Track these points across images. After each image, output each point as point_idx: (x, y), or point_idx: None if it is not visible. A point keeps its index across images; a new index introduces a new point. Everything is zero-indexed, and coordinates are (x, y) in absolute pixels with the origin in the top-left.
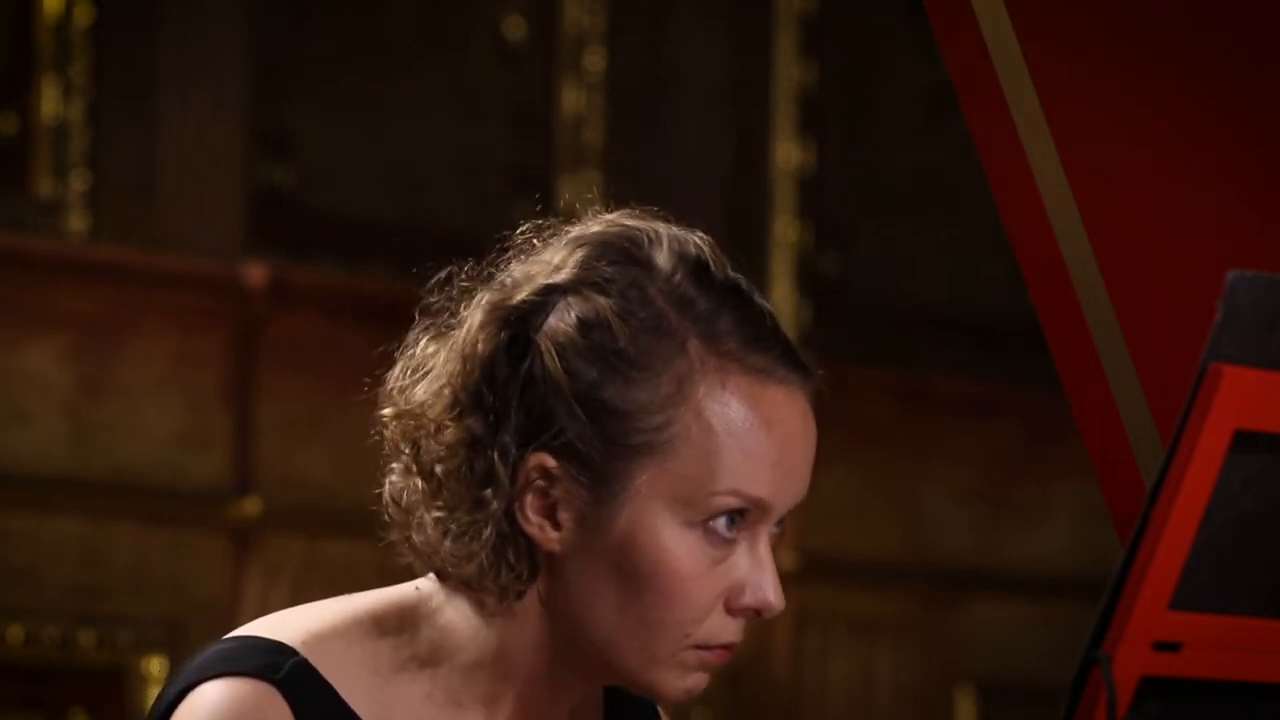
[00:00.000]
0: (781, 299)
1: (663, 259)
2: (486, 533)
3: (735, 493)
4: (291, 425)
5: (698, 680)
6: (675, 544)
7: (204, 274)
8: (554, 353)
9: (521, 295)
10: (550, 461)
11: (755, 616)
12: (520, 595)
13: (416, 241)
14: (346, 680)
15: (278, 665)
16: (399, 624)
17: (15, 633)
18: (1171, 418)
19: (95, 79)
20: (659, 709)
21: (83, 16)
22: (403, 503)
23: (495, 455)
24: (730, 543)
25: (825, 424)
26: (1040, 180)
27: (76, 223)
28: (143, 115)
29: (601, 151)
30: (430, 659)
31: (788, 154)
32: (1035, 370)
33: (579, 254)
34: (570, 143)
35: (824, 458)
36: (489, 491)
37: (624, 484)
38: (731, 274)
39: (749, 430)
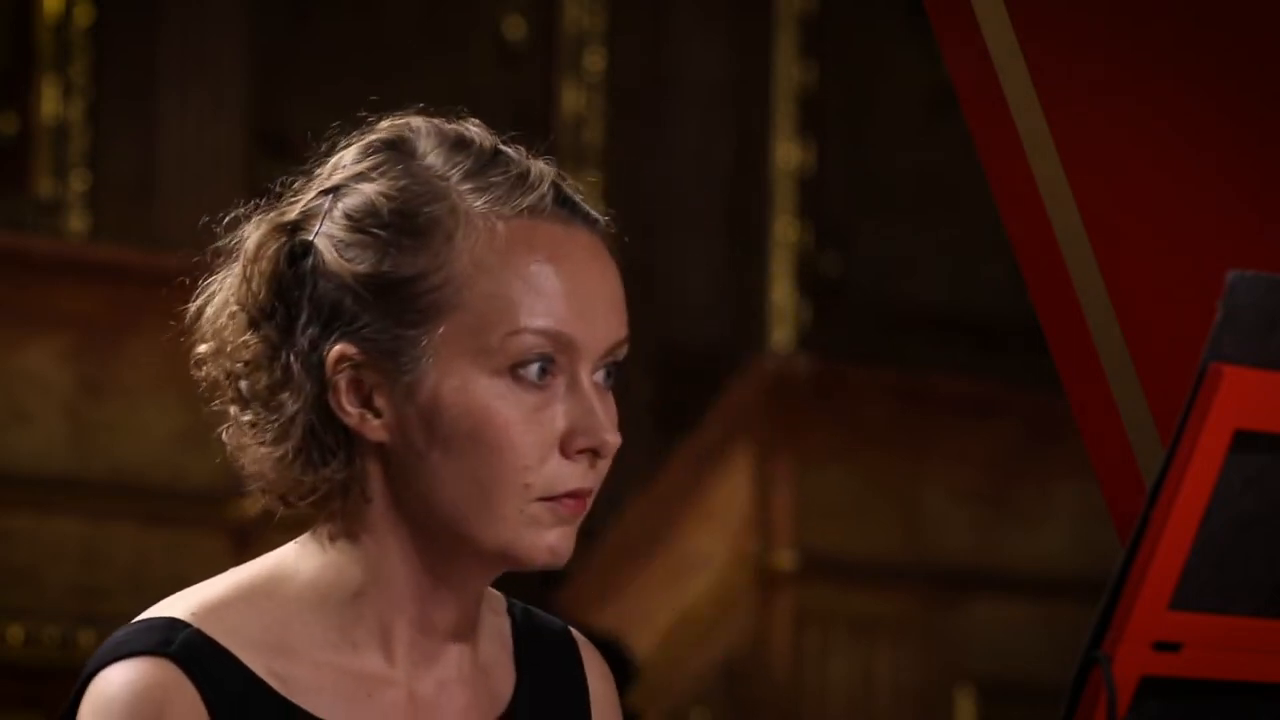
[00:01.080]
0: (781, 299)
1: (424, 142)
2: (294, 430)
3: (529, 330)
4: None
5: (560, 537)
6: (486, 395)
7: (203, 274)
8: (331, 248)
9: (299, 207)
10: (351, 349)
11: (597, 459)
12: (346, 488)
13: None
14: (241, 643)
15: (169, 640)
16: (282, 579)
17: (15, 633)
18: (1171, 418)
19: (95, 79)
20: (578, 645)
21: (83, 16)
22: (238, 442)
23: (292, 357)
24: (545, 389)
25: (825, 424)
26: (1040, 180)
27: (76, 223)
28: (143, 115)
29: (601, 151)
30: (316, 605)
31: (788, 154)
32: (1035, 370)
33: (347, 157)
34: (570, 143)
35: (824, 458)
36: (287, 394)
37: (423, 349)
38: (499, 143)
39: (528, 268)
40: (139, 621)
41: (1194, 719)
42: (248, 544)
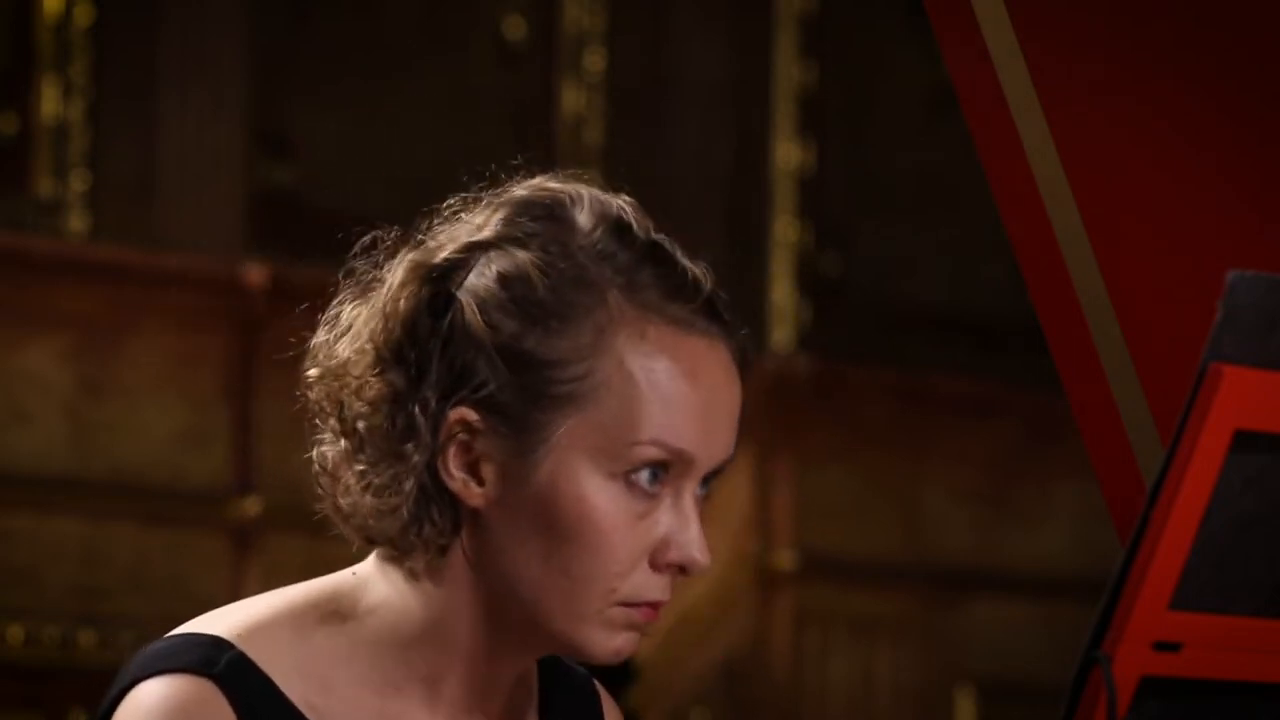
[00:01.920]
0: (781, 299)
1: (584, 217)
2: (408, 486)
3: (657, 443)
4: (291, 425)
5: (626, 641)
6: (597, 495)
7: (204, 274)
8: (474, 307)
9: (444, 254)
10: (472, 415)
11: (681, 575)
12: (443, 551)
13: None
14: (283, 671)
15: (214, 660)
16: (334, 610)
17: (15, 633)
18: (1171, 418)
19: (95, 79)
20: (600, 697)
21: (83, 16)
22: (329, 468)
23: (416, 409)
24: (653, 497)
25: (825, 424)
26: (1040, 180)
27: (76, 223)
28: (143, 115)
29: (601, 151)
30: (365, 641)
31: (788, 154)
32: (1035, 370)
33: (501, 213)
34: (570, 143)
35: (824, 458)
36: (410, 445)
37: (545, 435)
38: (655, 234)
39: (670, 380)
40: (181, 635)
41: (1194, 719)
42: (248, 544)
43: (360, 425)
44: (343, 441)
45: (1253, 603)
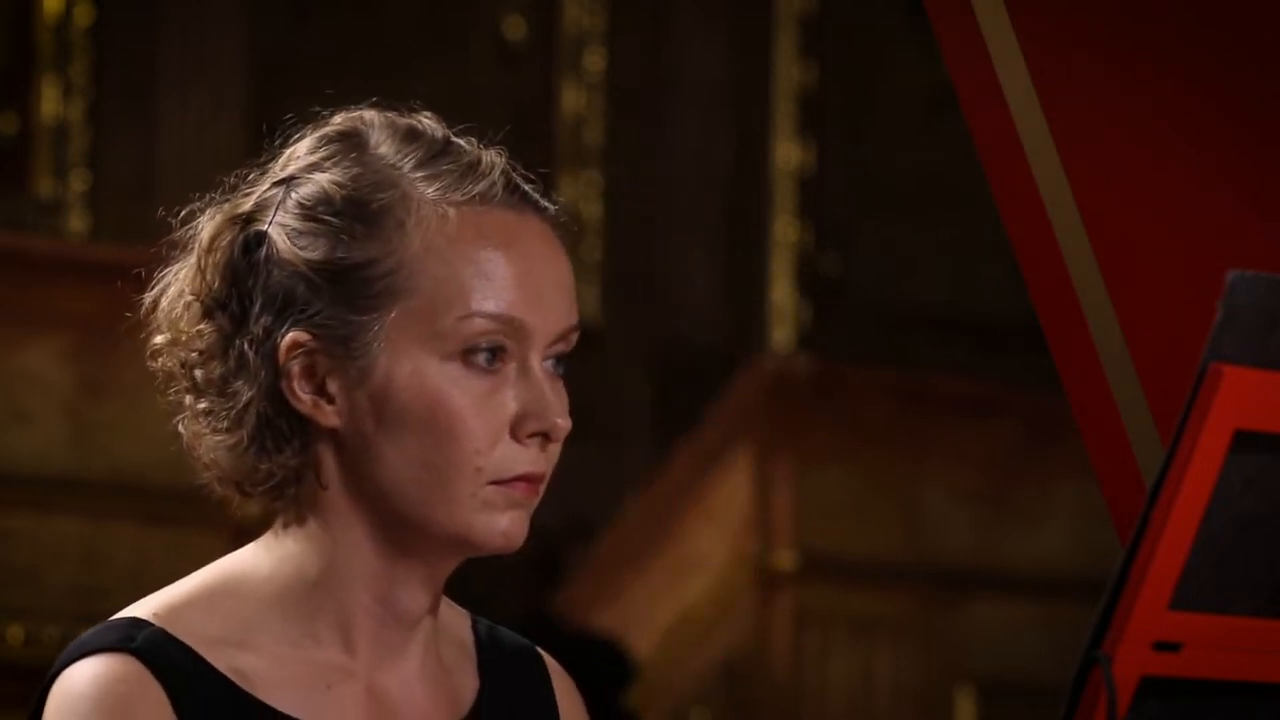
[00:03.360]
0: (781, 299)
1: (376, 132)
2: (248, 419)
3: (480, 314)
4: None
5: (512, 521)
6: (438, 379)
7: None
8: (284, 236)
9: (252, 199)
10: (304, 336)
11: (547, 442)
12: (299, 475)
13: None
14: (203, 640)
15: (132, 637)
16: (242, 577)
17: (15, 633)
18: (1171, 418)
19: (95, 79)
20: (545, 663)
21: (83, 16)
22: (190, 433)
23: (246, 345)
24: (495, 374)
25: (825, 424)
26: (1040, 180)
27: (76, 223)
28: (143, 115)
29: (601, 151)
30: (274, 600)
31: (788, 154)
32: (1035, 370)
33: (298, 149)
34: (570, 143)
35: (824, 458)
36: (242, 382)
37: (374, 335)
38: (450, 134)
39: (479, 254)
40: (99, 624)
41: (1194, 719)
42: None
43: (199, 375)
44: (188, 399)
45: (1253, 603)
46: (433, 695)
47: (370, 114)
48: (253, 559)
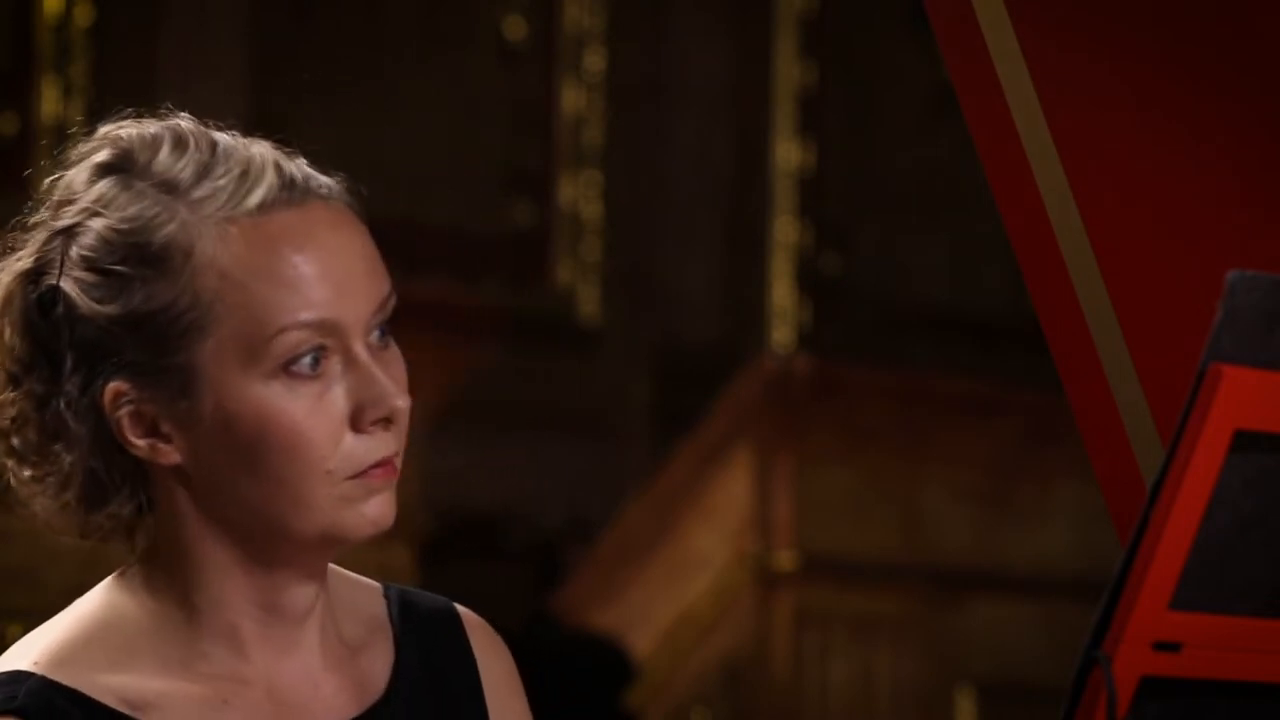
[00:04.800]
0: (781, 299)
1: (142, 154)
2: (76, 474)
3: (291, 327)
4: None
5: (377, 505)
6: (265, 400)
7: None
8: (76, 290)
9: (33, 253)
10: (123, 385)
11: (390, 426)
12: (137, 515)
13: (417, 241)
14: (88, 680)
15: (14, 694)
16: (118, 609)
17: (15, 633)
18: (1171, 418)
19: (95, 79)
20: (461, 620)
21: (83, 16)
22: (24, 498)
23: (61, 405)
24: (321, 376)
25: (825, 424)
26: (1040, 180)
27: None
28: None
29: (601, 151)
30: (155, 628)
31: (788, 154)
32: (1035, 370)
33: (70, 187)
34: (570, 143)
35: (824, 458)
36: (60, 445)
37: (192, 371)
38: (214, 135)
39: (272, 264)
40: None
41: (1194, 719)
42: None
43: (16, 442)
44: (10, 463)
45: (1253, 603)
46: (340, 683)
47: (130, 133)
48: (122, 592)
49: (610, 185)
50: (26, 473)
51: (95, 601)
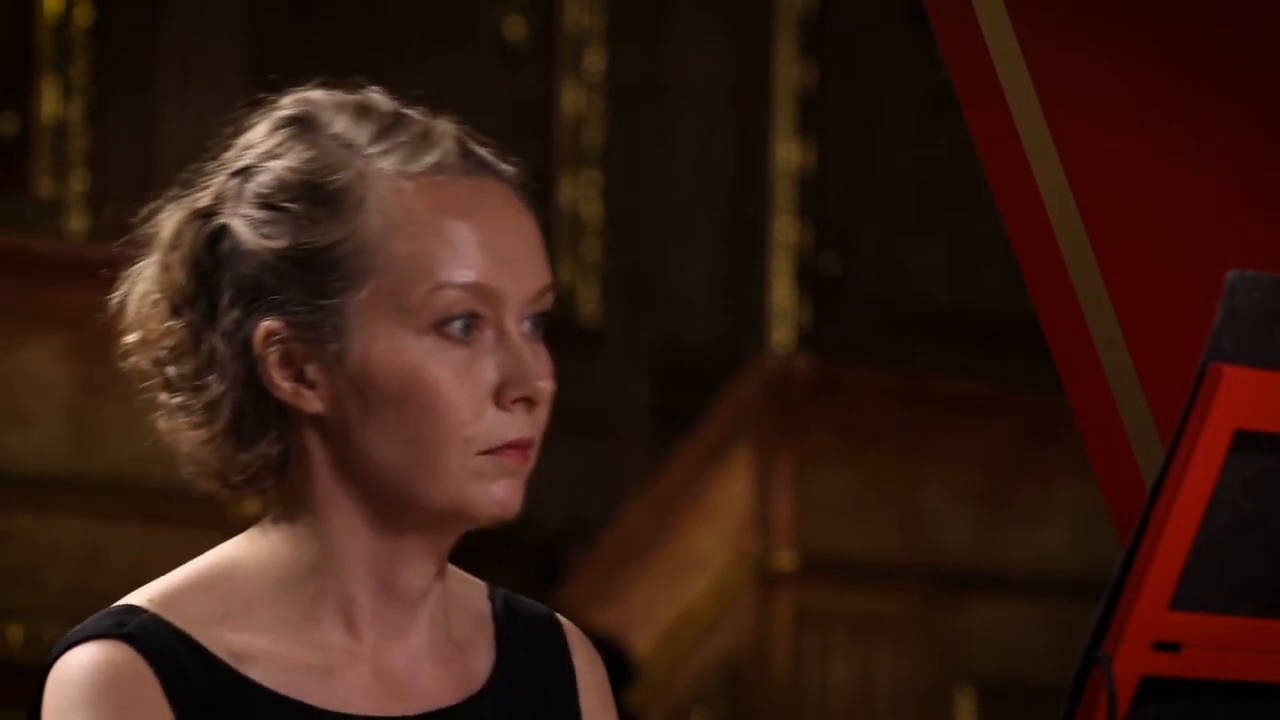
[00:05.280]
0: (781, 299)
1: (325, 113)
2: (223, 411)
3: (449, 284)
4: None
5: (506, 489)
6: (413, 355)
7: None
8: (245, 226)
9: (210, 191)
10: (276, 324)
11: (532, 406)
12: (281, 464)
13: None
14: (199, 626)
15: (124, 623)
16: (240, 563)
17: (15, 633)
18: (1171, 418)
19: (95, 79)
20: (563, 629)
21: (83, 16)
22: (169, 431)
23: (216, 339)
24: (472, 344)
25: (825, 424)
26: (1040, 180)
27: (76, 223)
28: (143, 115)
29: (601, 151)
30: (275, 585)
31: (788, 154)
32: (1035, 370)
33: (251, 137)
34: (570, 143)
35: (824, 458)
36: (214, 375)
37: (344, 317)
38: (399, 106)
39: (441, 223)
40: (98, 613)
41: (1194, 719)
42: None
43: (171, 372)
44: (162, 395)
45: (1253, 603)
46: (442, 673)
47: (317, 94)
48: (248, 546)
49: (610, 185)
50: (176, 401)
51: (220, 554)
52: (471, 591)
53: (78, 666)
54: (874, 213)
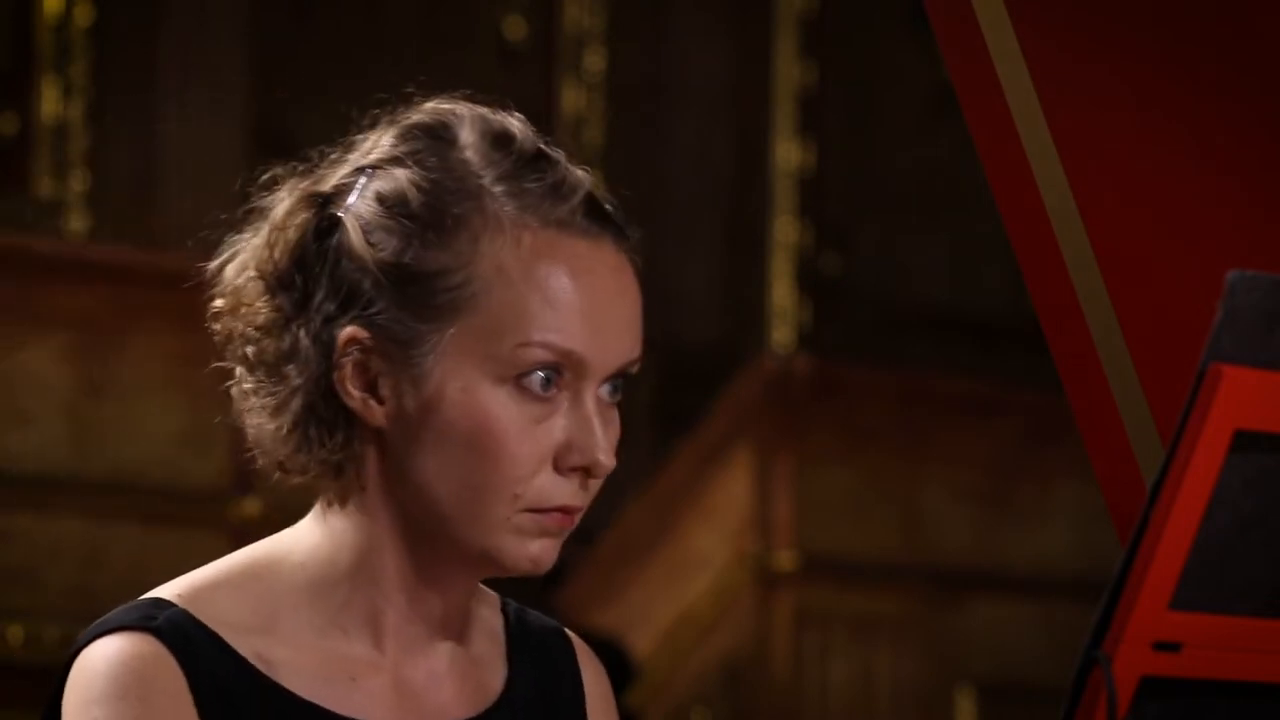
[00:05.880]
0: (781, 299)
1: (466, 132)
2: (295, 406)
3: (540, 344)
4: None
5: (542, 548)
6: (488, 401)
7: (204, 274)
8: (357, 227)
9: (332, 180)
10: (362, 333)
11: (587, 477)
12: (339, 470)
13: None
14: (226, 624)
15: (153, 616)
16: (272, 563)
17: (15, 633)
18: (1171, 418)
19: (95, 79)
20: (574, 645)
21: (83, 16)
22: (239, 400)
23: (302, 332)
24: (548, 401)
25: (825, 424)
26: (1040, 180)
27: (76, 223)
28: (143, 115)
29: (601, 151)
30: (303, 588)
31: (788, 154)
32: (1035, 370)
33: (387, 136)
34: (570, 143)
35: (824, 458)
36: (293, 367)
37: (431, 346)
38: (542, 144)
39: (549, 280)
40: (125, 604)
41: (1194, 719)
42: (249, 544)
43: (250, 351)
44: (239, 370)
45: (1253, 603)
46: (458, 687)
47: (463, 110)
48: (289, 544)
49: (610, 186)
50: (250, 384)
51: (254, 553)
52: (487, 605)
53: (103, 657)
54: (874, 213)
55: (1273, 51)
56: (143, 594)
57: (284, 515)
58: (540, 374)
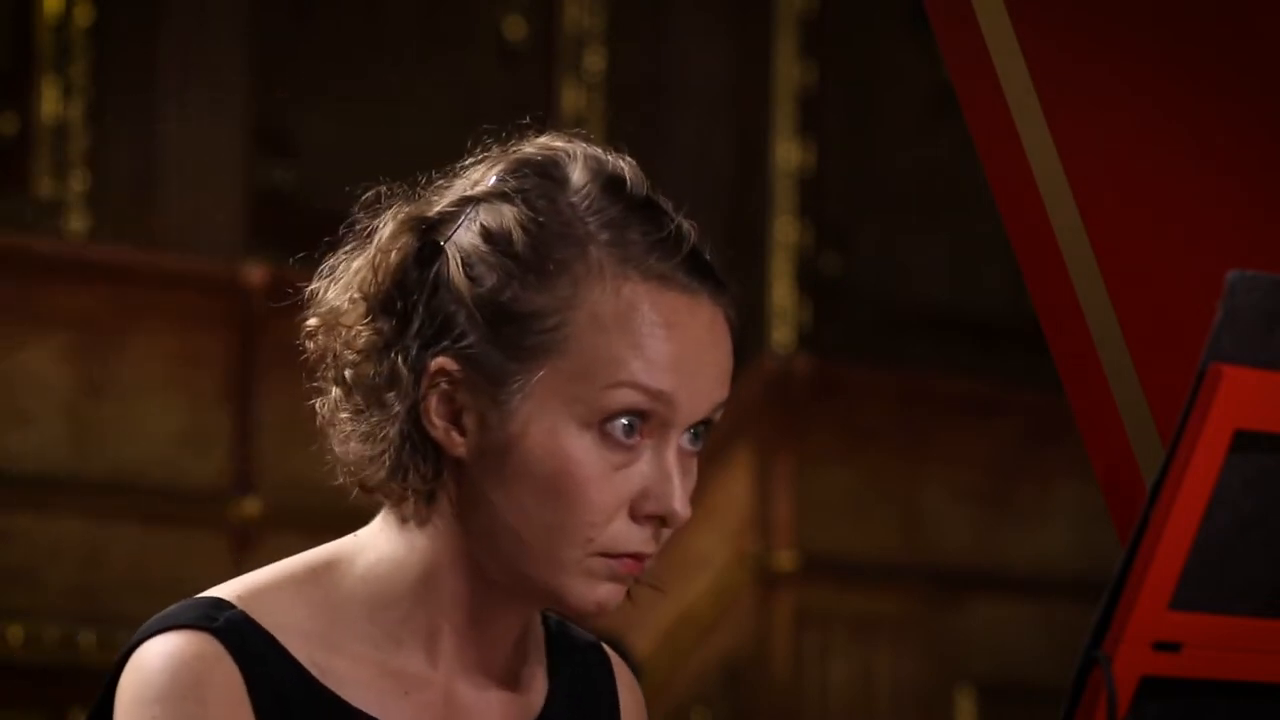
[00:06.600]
0: (781, 299)
1: (577, 173)
2: (391, 433)
3: (630, 384)
4: (291, 425)
5: (609, 592)
6: (571, 444)
7: (204, 274)
8: (459, 260)
9: (436, 208)
10: (452, 365)
11: (661, 526)
12: (430, 499)
13: None
14: (285, 629)
15: (213, 617)
16: (333, 571)
17: (15, 633)
18: (1171, 418)
19: (95, 79)
20: (611, 662)
21: (83, 16)
22: (327, 416)
23: (399, 358)
24: (631, 448)
25: (825, 424)
26: (1040, 180)
27: (76, 223)
28: (143, 115)
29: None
30: (364, 599)
31: (788, 154)
32: (1035, 370)
33: (497, 169)
34: None
35: (824, 458)
36: (392, 394)
37: (520, 385)
38: (650, 192)
39: (643, 329)
40: (184, 601)
41: (1194, 719)
42: (249, 544)
43: (348, 373)
44: (334, 390)
45: (1253, 603)
46: (505, 702)
47: (576, 148)
48: (350, 554)
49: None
50: (347, 410)
51: (315, 558)
52: (533, 620)
53: (160, 655)
54: (874, 213)
55: (1273, 51)
56: (142, 594)
57: (284, 515)
58: (624, 421)
